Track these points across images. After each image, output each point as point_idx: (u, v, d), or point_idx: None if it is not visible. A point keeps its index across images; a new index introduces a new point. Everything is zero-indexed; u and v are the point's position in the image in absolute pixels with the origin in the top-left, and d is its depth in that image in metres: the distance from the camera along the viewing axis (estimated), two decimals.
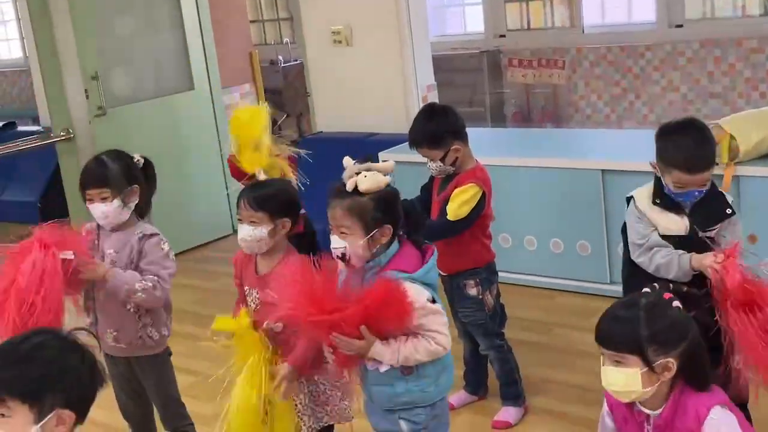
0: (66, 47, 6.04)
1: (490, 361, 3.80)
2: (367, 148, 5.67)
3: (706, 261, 2.65)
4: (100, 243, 3.20)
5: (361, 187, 2.49)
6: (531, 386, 3.87)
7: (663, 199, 2.87)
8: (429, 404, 2.61)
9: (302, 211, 3.08)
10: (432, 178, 3.68)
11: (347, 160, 2.57)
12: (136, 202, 3.15)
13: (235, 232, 7.37)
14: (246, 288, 2.98)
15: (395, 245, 2.56)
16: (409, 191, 3.33)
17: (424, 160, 3.60)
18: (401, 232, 2.60)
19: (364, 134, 5.98)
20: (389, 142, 5.67)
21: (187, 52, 6.59)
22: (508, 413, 3.72)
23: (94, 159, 3.19)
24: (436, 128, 3.50)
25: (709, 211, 2.85)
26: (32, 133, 7.52)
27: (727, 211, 2.85)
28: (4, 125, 8.30)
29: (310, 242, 3.21)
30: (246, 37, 7.37)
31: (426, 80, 6.01)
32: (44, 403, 1.86)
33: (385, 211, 2.52)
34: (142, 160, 3.23)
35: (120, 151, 3.23)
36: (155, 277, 3.07)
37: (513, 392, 3.77)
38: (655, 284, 2.42)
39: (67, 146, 6.26)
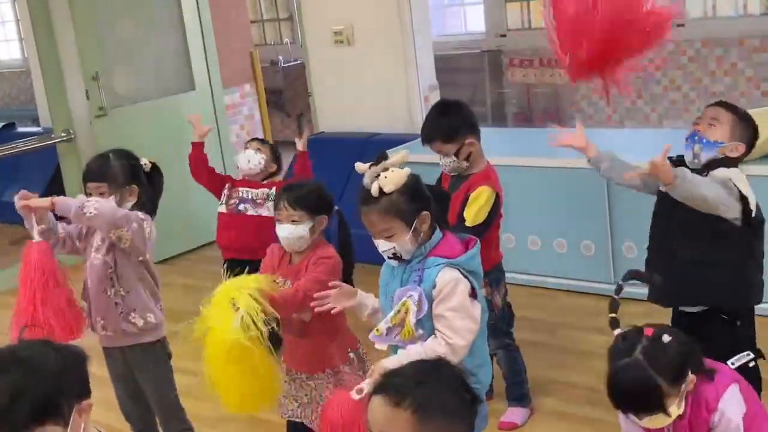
0: (67, 48, 6.03)
1: (497, 361, 3.78)
2: (369, 148, 5.65)
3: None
4: (93, 234, 3.19)
5: (387, 189, 2.47)
6: (536, 387, 3.85)
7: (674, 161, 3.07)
8: None
9: (336, 207, 3.17)
10: (440, 180, 3.65)
11: (360, 166, 2.56)
12: (134, 202, 3.13)
13: None
14: (279, 278, 3.01)
15: (438, 234, 2.56)
16: None
17: (428, 159, 3.58)
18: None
19: (366, 134, 5.96)
20: (391, 142, 5.64)
21: (188, 52, 6.57)
22: (514, 414, 3.71)
23: (99, 155, 3.22)
24: (450, 122, 3.50)
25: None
26: (32, 134, 7.49)
27: (703, 173, 2.94)
28: (3, 126, 8.27)
29: (346, 241, 3.26)
30: (247, 37, 7.35)
31: (428, 80, 5.99)
32: (62, 411, 1.81)
33: (416, 199, 2.52)
34: (150, 165, 3.23)
35: (127, 151, 3.24)
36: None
37: (519, 392, 3.76)
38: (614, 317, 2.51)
39: (68, 147, 6.24)
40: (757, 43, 7.34)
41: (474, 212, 3.42)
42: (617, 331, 2.37)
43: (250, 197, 4.42)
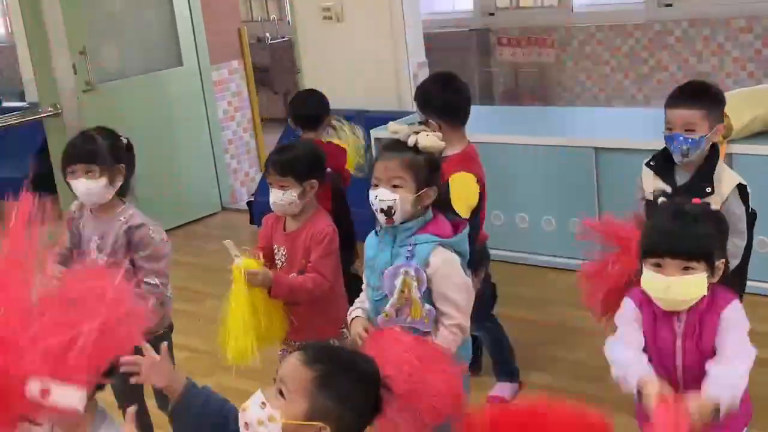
0: (54, 22, 5.97)
1: (482, 341, 3.80)
2: (357, 125, 5.65)
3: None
4: (84, 228, 3.14)
5: (423, 143, 2.52)
6: (525, 363, 3.88)
7: (657, 162, 2.99)
8: None
9: (327, 169, 3.20)
10: None
11: (394, 125, 2.65)
12: (122, 182, 3.07)
13: (224, 209, 7.36)
14: (274, 246, 3.09)
15: (430, 213, 2.58)
16: None
17: None
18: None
19: (354, 111, 5.94)
20: (380, 119, 5.64)
21: (176, 27, 6.54)
22: (502, 389, 3.74)
23: (83, 134, 3.13)
24: (423, 92, 3.53)
25: (693, 185, 2.87)
26: (17, 109, 7.43)
27: (706, 189, 2.82)
28: None
29: (339, 202, 3.28)
30: (235, 13, 7.31)
31: (417, 57, 5.99)
32: None
33: (433, 173, 2.56)
34: (126, 141, 3.16)
35: (107, 128, 3.16)
36: (152, 280, 3.05)
37: (506, 369, 3.79)
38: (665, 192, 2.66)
39: (55, 122, 6.19)
40: (744, 24, 7.36)
41: (463, 203, 3.35)
42: (661, 200, 2.41)
43: None
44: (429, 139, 2.53)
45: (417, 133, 2.54)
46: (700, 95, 2.92)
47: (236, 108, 7.09)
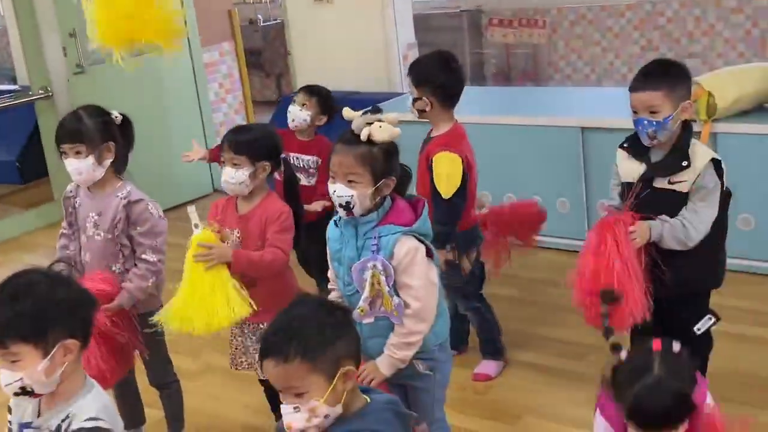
0: (43, 4, 5.98)
1: (469, 319, 3.84)
2: (348, 106, 5.67)
3: None
4: (80, 206, 3.16)
5: (378, 137, 2.46)
6: (511, 340, 3.92)
7: (630, 143, 2.95)
8: (435, 345, 2.64)
9: (283, 155, 3.19)
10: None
11: (349, 112, 2.57)
12: (112, 159, 3.08)
13: (216, 191, 7.38)
14: (226, 229, 3.06)
15: (388, 201, 2.55)
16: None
17: (408, 118, 3.60)
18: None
19: (345, 93, 5.96)
20: (370, 100, 5.65)
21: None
22: (488, 366, 3.78)
23: (71, 113, 3.15)
24: (422, 69, 3.53)
25: (668, 161, 2.86)
26: (9, 92, 7.44)
27: (683, 163, 2.81)
28: None
29: (292, 187, 3.28)
30: None
31: (407, 39, 6.00)
32: (47, 339, 1.90)
33: (391, 162, 2.52)
34: (120, 117, 3.17)
35: (97, 107, 3.17)
36: (150, 257, 3.09)
37: (492, 348, 3.82)
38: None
39: (46, 104, 6.22)
40: (735, 4, 7.38)
41: (444, 183, 3.39)
42: (623, 353, 2.22)
43: (302, 165, 4.18)
44: (382, 131, 2.46)
45: (370, 124, 2.47)
46: (659, 76, 2.85)
47: (227, 90, 7.10)
